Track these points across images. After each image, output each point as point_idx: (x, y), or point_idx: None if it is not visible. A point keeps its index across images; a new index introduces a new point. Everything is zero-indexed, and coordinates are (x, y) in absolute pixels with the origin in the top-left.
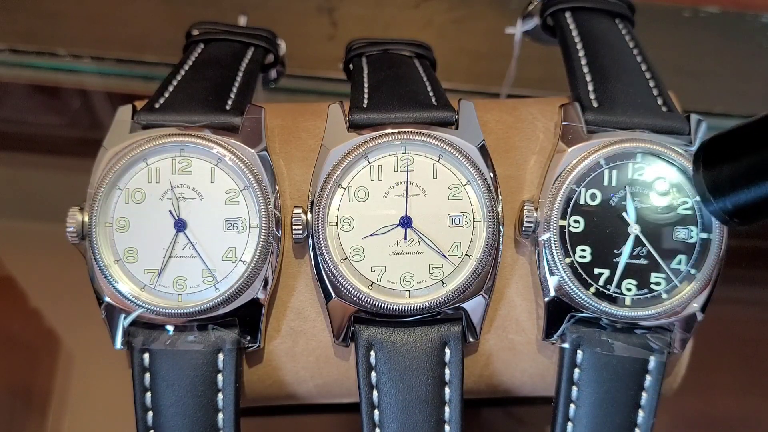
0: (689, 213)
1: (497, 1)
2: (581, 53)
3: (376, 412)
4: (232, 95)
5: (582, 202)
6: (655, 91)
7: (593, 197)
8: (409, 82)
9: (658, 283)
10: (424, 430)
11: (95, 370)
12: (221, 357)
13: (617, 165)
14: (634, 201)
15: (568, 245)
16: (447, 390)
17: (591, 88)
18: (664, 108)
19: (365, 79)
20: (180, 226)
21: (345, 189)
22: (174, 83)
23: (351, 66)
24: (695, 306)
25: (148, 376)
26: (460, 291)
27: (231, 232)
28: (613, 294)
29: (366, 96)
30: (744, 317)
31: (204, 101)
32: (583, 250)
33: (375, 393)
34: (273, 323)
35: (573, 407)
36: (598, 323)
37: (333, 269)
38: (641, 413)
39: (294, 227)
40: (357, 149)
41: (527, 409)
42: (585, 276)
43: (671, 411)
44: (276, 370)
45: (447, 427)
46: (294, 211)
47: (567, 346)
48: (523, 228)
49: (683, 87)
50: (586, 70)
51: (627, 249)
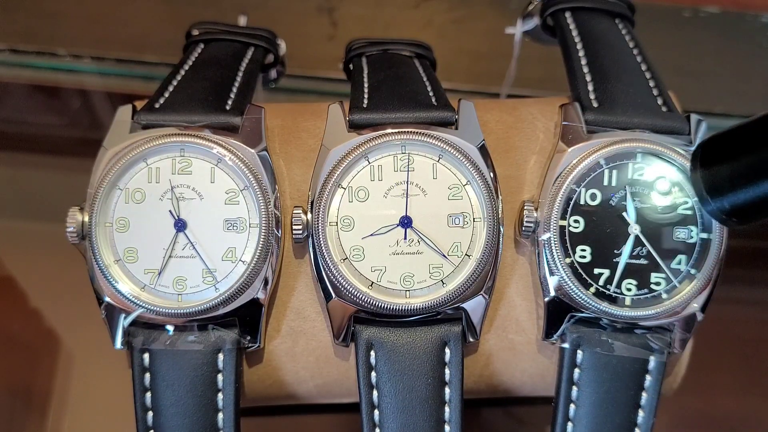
0: (689, 213)
1: (497, 1)
2: (581, 53)
3: (376, 412)
4: (232, 95)
5: (582, 202)
6: (655, 91)
7: (593, 197)
8: (409, 82)
9: (658, 283)
10: (424, 430)
11: (95, 370)
12: (221, 357)
13: (617, 165)
14: (634, 201)
15: (568, 245)
16: (447, 390)
17: (591, 88)
18: (664, 108)
19: (365, 79)
20: (180, 226)
21: (345, 189)
22: (174, 83)
23: (351, 66)
24: (695, 306)
25: (148, 376)
26: (460, 291)
27: (231, 232)
28: (613, 294)
29: (366, 96)
30: (744, 317)
31: (204, 101)
32: (583, 250)
33: (375, 393)
34: (273, 323)
35: (573, 407)
36: (598, 323)
37: (333, 269)
38: (641, 413)
39: (294, 227)
40: (357, 149)
41: (527, 409)
42: (585, 276)
43: (671, 411)
44: (276, 370)
45: (447, 427)
46: (294, 211)
47: (567, 346)
48: (523, 228)
49: (683, 87)
50: (586, 70)
51: (627, 249)
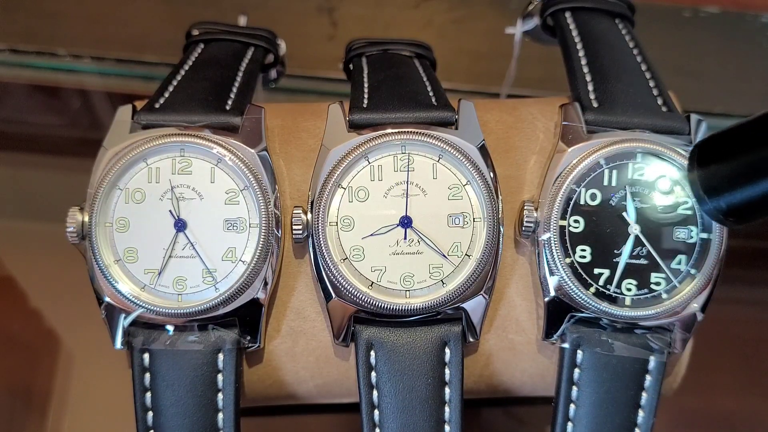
0: (689, 213)
1: (497, 1)
2: (581, 53)
3: (376, 412)
4: (232, 95)
5: (582, 202)
6: (655, 91)
7: (593, 197)
8: (409, 82)
9: (658, 283)
10: (424, 430)
11: (95, 370)
12: (221, 357)
13: (617, 165)
14: (634, 201)
15: (568, 245)
16: (447, 390)
17: (591, 88)
18: (664, 108)
19: (365, 79)
20: (180, 226)
21: (345, 189)
22: (174, 83)
23: (351, 66)
24: (695, 306)
25: (148, 376)
26: (460, 291)
27: (231, 232)
28: (613, 294)
29: (366, 96)
30: (744, 317)
31: (204, 101)
32: (583, 250)
33: (375, 393)
34: (273, 323)
35: (573, 407)
36: (598, 323)
37: (333, 269)
38: (641, 413)
39: (294, 227)
40: (357, 149)
41: (527, 409)
42: (585, 276)
43: (671, 411)
44: (276, 370)
45: (447, 427)
46: (294, 211)
47: (567, 346)
48: (523, 228)
49: (683, 87)
50: (586, 70)
51: (627, 249)
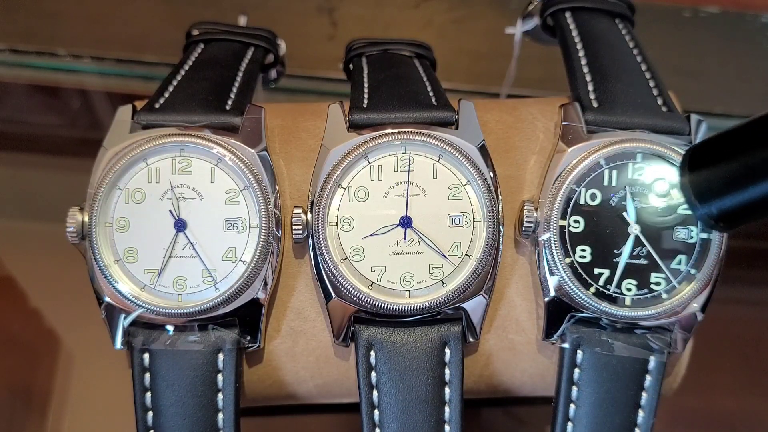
0: (689, 213)
1: (497, 1)
2: (581, 53)
3: (376, 412)
4: (232, 95)
5: (582, 202)
6: (655, 91)
7: (593, 197)
8: (409, 82)
9: (658, 283)
10: (424, 430)
11: (95, 370)
12: (221, 357)
13: (617, 165)
14: (634, 201)
15: (568, 245)
16: (447, 390)
17: (591, 88)
18: (664, 108)
19: (365, 79)
20: (180, 226)
21: (345, 189)
22: (174, 83)
23: (351, 66)
24: (695, 306)
25: (148, 376)
26: (460, 291)
27: (231, 232)
28: (613, 294)
29: (366, 96)
30: (744, 317)
31: (204, 101)
32: (583, 250)
33: (375, 393)
34: (273, 323)
35: (573, 407)
36: (598, 323)
37: (333, 269)
38: (641, 413)
39: (294, 227)
40: (357, 149)
41: (527, 409)
42: (585, 276)
43: (671, 411)
44: (276, 370)
45: (447, 427)
46: (294, 211)
47: (567, 346)
48: (523, 228)
49: (683, 87)
50: (586, 70)
51: (627, 249)
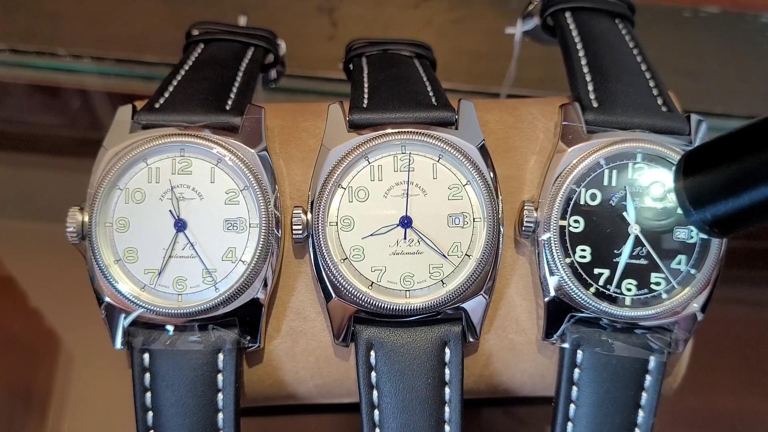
0: None
1: (497, 1)
2: (581, 53)
3: (376, 412)
4: (232, 95)
5: (582, 202)
6: (655, 91)
7: (593, 197)
8: (409, 82)
9: (658, 283)
10: (424, 430)
11: (95, 370)
12: (221, 357)
13: (617, 165)
14: (634, 201)
15: (568, 245)
16: (447, 390)
17: (591, 88)
18: (664, 108)
19: (365, 79)
20: (180, 226)
21: (345, 189)
22: (174, 83)
23: (351, 66)
24: (695, 306)
25: (148, 376)
26: (460, 291)
27: (231, 232)
28: (613, 294)
29: (366, 96)
30: (744, 317)
31: (204, 101)
32: (583, 250)
33: (375, 393)
34: (273, 323)
35: (573, 407)
36: (598, 323)
37: (333, 269)
38: (641, 413)
39: (294, 227)
40: (357, 149)
41: (527, 409)
42: (585, 276)
43: (671, 411)
44: (276, 370)
45: (447, 427)
46: (294, 211)
47: (567, 346)
48: (523, 228)
49: (683, 87)
50: (586, 70)
51: (627, 249)
